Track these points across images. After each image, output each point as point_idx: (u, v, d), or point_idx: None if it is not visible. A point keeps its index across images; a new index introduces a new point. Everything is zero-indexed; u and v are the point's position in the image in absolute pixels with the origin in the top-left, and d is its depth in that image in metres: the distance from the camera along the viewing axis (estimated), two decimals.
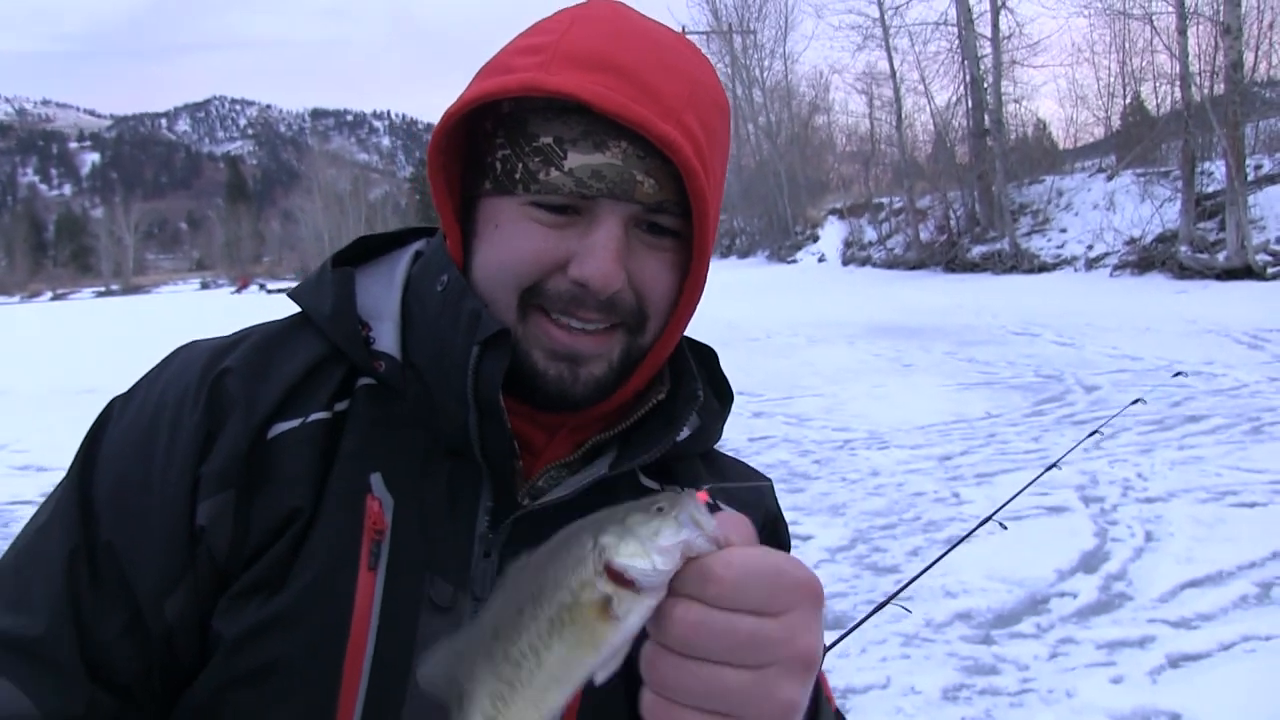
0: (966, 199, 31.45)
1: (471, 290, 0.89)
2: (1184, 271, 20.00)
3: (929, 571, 4.91)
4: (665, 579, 0.58)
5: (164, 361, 0.96)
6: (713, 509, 0.97)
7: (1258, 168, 21.60)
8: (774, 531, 1.06)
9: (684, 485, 0.98)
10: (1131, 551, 5.09)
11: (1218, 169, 21.24)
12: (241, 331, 0.97)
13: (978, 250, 28.82)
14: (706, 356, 1.06)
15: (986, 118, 29.86)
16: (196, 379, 0.90)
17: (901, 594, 4.60)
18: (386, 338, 0.93)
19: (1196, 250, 20.18)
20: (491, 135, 0.89)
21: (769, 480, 1.12)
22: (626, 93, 0.82)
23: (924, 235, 33.18)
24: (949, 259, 30.10)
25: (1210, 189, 21.68)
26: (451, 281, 0.90)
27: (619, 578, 0.57)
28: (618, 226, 0.85)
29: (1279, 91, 26.12)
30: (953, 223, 31.92)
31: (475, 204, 0.92)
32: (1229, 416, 8.19)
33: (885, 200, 38.89)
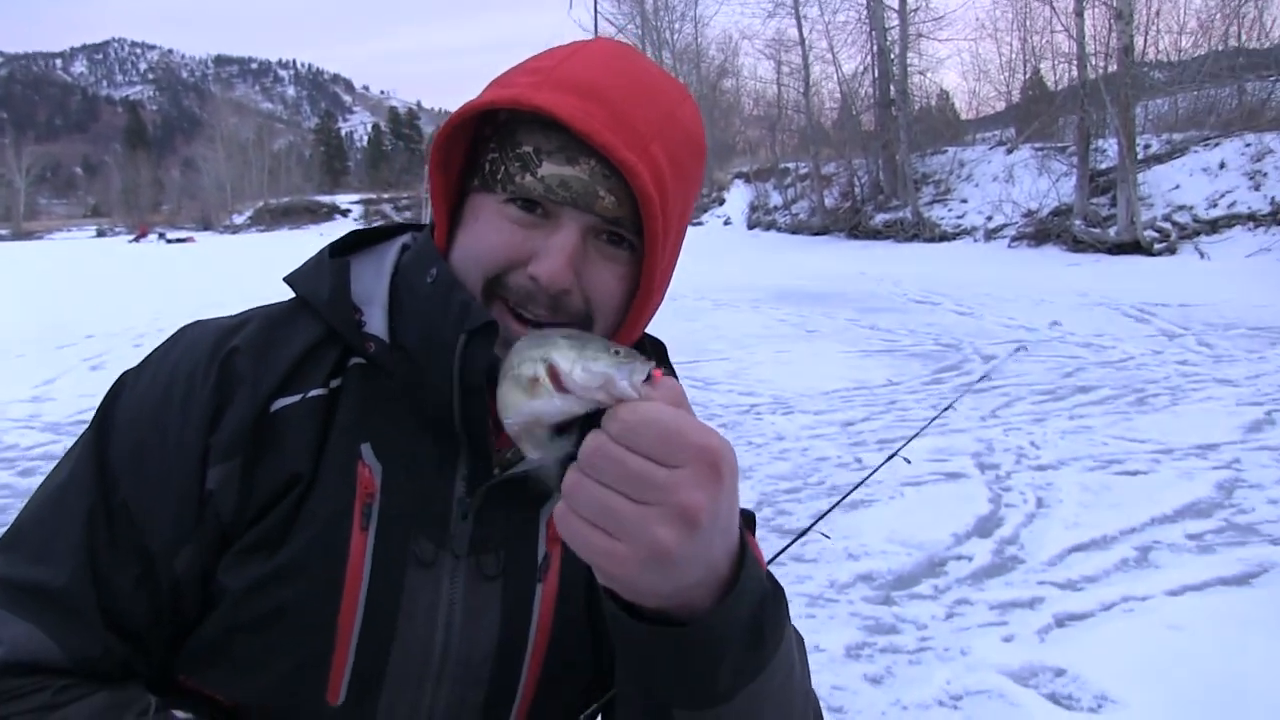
0: (871, 167, 31.97)
1: (459, 283, 0.98)
2: (1078, 245, 20.70)
3: (834, 535, 5.08)
4: (579, 388, 0.70)
5: (173, 339, 1.05)
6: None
7: (1146, 147, 22.39)
8: None
9: None
10: (1023, 517, 5.31)
11: (1111, 147, 21.97)
12: (245, 314, 1.07)
13: (881, 218, 29.36)
14: (658, 348, 1.17)
15: (892, 88, 30.32)
16: (207, 356, 0.99)
17: (807, 560, 4.74)
18: (376, 321, 1.03)
19: (1090, 225, 20.88)
20: (488, 140, 1.00)
21: None
22: (600, 117, 0.92)
23: (828, 201, 33.65)
24: (852, 225, 30.60)
25: (1104, 166, 22.42)
26: (441, 275, 0.99)
27: (554, 374, 0.71)
28: (575, 234, 0.95)
29: (1167, 73, 27.04)
30: (857, 190, 32.43)
31: (466, 199, 1.02)
32: (1116, 388, 8.56)
33: (791, 165, 39.25)
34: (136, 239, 66.43)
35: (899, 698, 3.52)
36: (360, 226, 1.18)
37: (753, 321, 13.65)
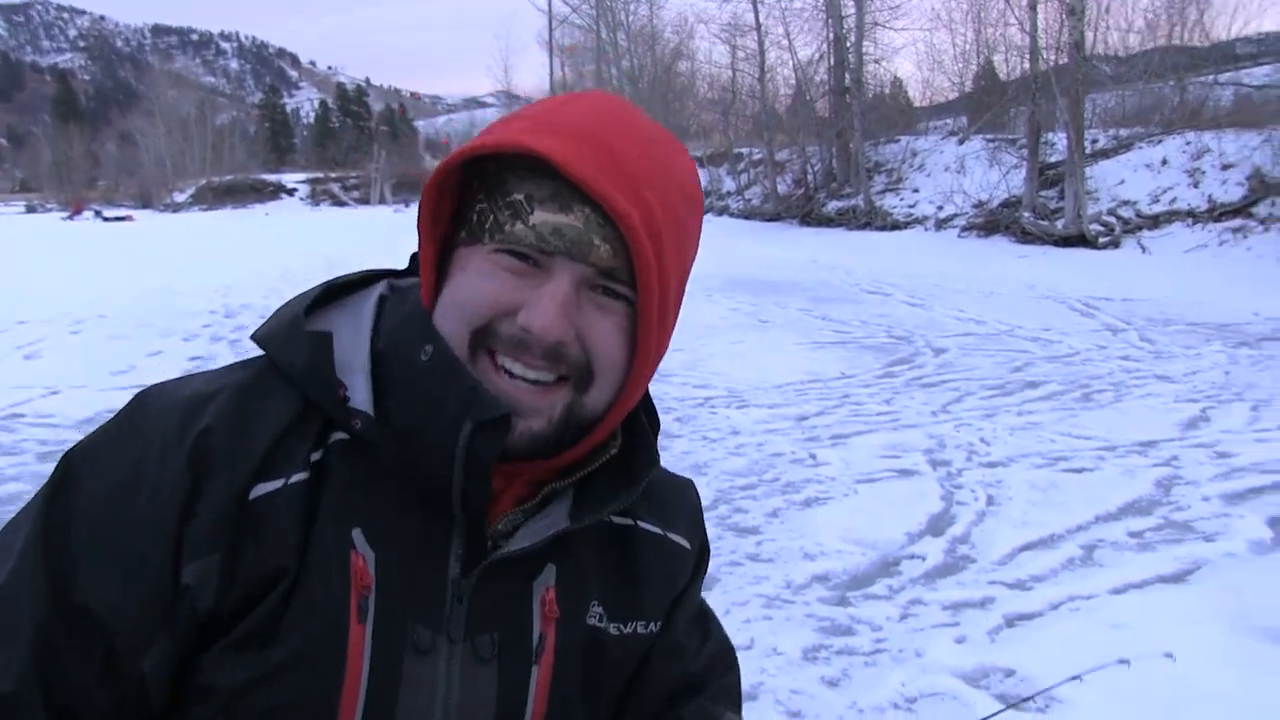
0: (824, 154, 32.16)
1: (461, 364, 0.93)
2: (1026, 236, 21.04)
3: (788, 533, 5.18)
4: None
5: (132, 410, 0.96)
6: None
7: (1094, 142, 22.77)
8: (695, 520, 1.22)
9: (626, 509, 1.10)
10: (975, 515, 5.43)
11: (1060, 140, 22.32)
12: (211, 379, 0.98)
13: (833, 205, 29.59)
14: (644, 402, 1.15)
15: (847, 76, 30.51)
16: (176, 435, 0.91)
17: (764, 560, 4.82)
18: (360, 394, 0.96)
19: (1038, 217, 21.22)
20: (475, 192, 0.96)
21: (690, 481, 1.27)
22: (594, 162, 0.89)
23: (782, 188, 33.81)
24: (805, 212, 30.80)
25: (1053, 159, 22.78)
26: (439, 353, 0.94)
27: None
28: (568, 283, 0.91)
29: (1115, 66, 27.50)
30: (810, 177, 32.61)
31: (452, 253, 0.98)
32: (1063, 383, 8.75)
33: (744, 151, 39.36)
34: (71, 216, 64.55)
35: (855, 700, 3.61)
36: (330, 278, 1.05)
37: (706, 311, 13.70)
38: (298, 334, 0.98)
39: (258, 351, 1.01)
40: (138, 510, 0.89)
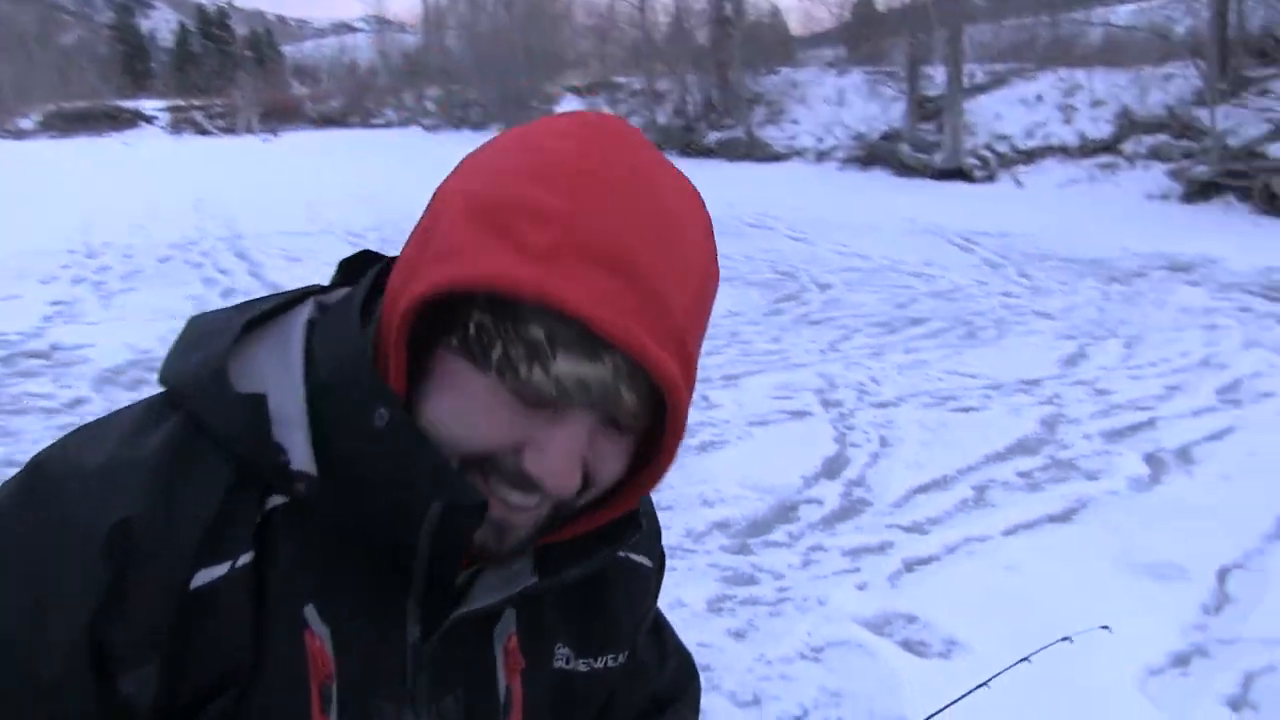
0: (704, 85, 32.06)
1: (423, 437, 0.79)
2: (905, 169, 21.35)
3: (686, 479, 5.13)
4: None
5: (29, 490, 0.79)
6: None
7: (971, 77, 23.15)
8: (653, 532, 1.13)
9: None
10: (868, 457, 5.47)
11: (938, 73, 22.65)
12: (122, 441, 0.81)
13: (714, 136, 29.53)
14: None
15: (727, 5, 30.35)
16: (84, 530, 0.75)
17: (663, 508, 4.76)
18: (299, 451, 0.82)
19: (916, 150, 21.54)
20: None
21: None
22: (632, 307, 0.73)
23: (661, 119, 33.60)
24: (685, 144, 30.68)
25: (932, 93, 23.12)
26: (395, 420, 0.78)
27: None
28: (584, 432, 0.78)
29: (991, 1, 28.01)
30: (690, 108, 32.47)
31: (432, 349, 0.79)
32: (946, 320, 8.89)
33: (623, 80, 39.01)
34: None
35: (763, 652, 3.60)
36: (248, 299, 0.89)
37: None
38: (227, 395, 0.81)
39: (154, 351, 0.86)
40: (49, 622, 0.75)
